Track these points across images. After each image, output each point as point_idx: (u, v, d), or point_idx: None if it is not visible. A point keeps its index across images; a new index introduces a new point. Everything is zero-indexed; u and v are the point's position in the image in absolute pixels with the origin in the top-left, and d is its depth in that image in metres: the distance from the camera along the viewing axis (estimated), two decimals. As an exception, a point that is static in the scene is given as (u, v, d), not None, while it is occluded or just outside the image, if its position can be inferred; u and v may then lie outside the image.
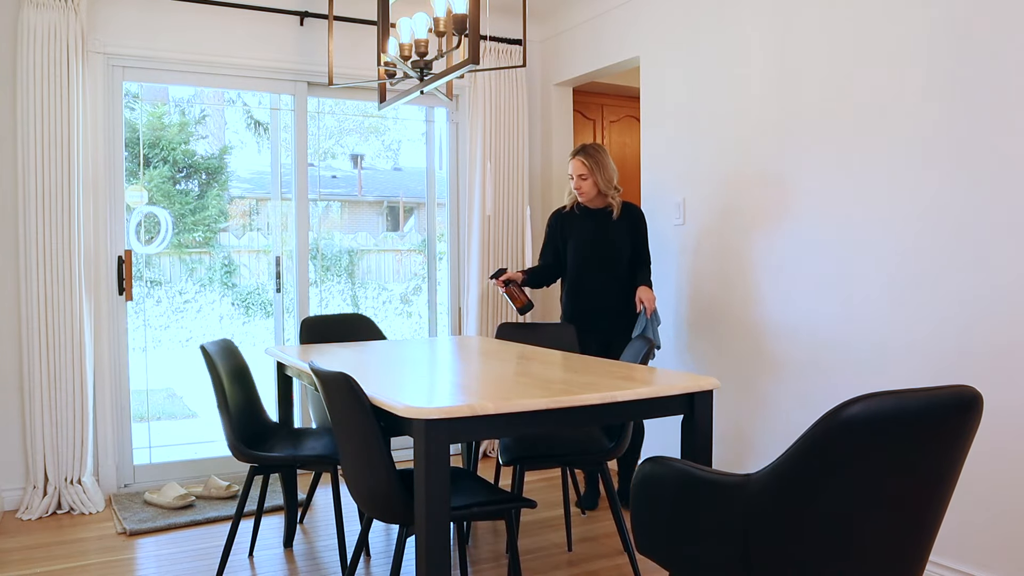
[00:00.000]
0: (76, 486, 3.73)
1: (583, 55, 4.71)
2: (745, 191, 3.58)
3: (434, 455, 2.01)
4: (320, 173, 4.92)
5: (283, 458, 2.91)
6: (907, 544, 1.69)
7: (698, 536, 1.82)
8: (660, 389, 2.30)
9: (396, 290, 6.00)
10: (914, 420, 1.56)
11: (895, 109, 2.90)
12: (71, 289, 3.70)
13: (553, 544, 3.33)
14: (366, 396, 2.15)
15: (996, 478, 2.62)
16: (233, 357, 3.15)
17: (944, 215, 2.75)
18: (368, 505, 2.30)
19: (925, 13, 2.79)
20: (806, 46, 3.25)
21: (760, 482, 1.67)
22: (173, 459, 4.25)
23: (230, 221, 5.87)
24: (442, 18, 2.77)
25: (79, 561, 3.15)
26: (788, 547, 1.65)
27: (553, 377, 2.50)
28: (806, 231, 3.28)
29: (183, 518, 3.61)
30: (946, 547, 2.77)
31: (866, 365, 3.03)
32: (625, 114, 5.64)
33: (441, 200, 4.98)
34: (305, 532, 3.50)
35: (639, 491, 2.00)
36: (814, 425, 1.57)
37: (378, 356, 3.10)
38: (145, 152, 4.54)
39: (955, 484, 1.71)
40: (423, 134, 5.01)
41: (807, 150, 3.27)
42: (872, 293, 3.00)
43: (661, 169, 4.11)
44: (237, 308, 5.94)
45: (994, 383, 2.61)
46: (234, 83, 4.30)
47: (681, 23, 3.95)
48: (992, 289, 2.61)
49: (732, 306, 3.68)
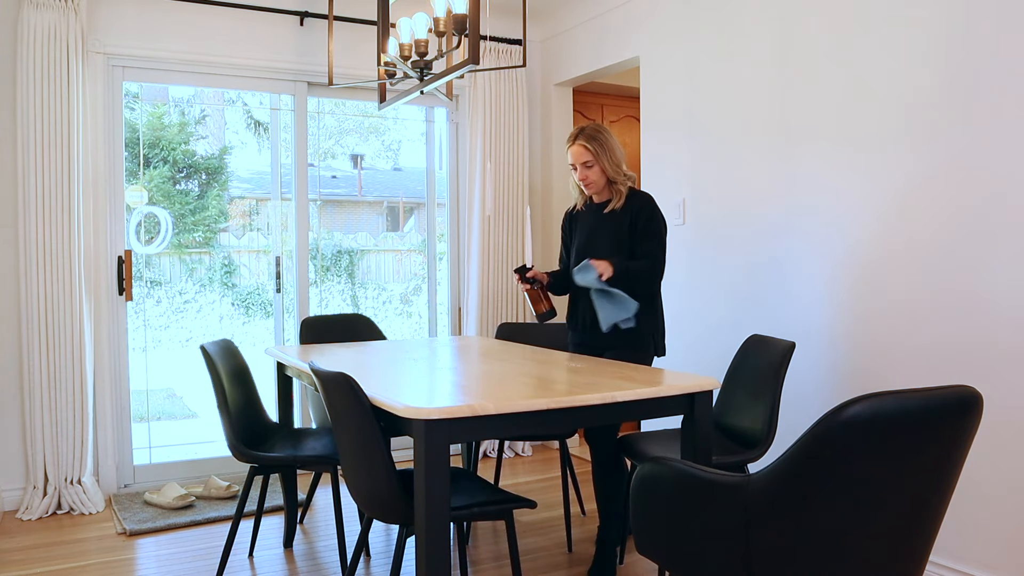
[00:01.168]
0: (76, 486, 3.73)
1: (583, 55, 4.71)
2: (745, 191, 3.58)
3: (434, 455, 2.01)
4: (320, 173, 4.92)
5: (283, 458, 2.91)
6: (907, 544, 1.68)
7: (698, 536, 1.81)
8: (660, 389, 2.30)
9: (396, 290, 5.99)
10: (914, 420, 1.56)
11: (898, 108, 2.90)
12: (71, 289, 3.70)
13: (553, 544, 3.33)
14: (366, 396, 2.15)
15: (996, 478, 2.62)
16: (233, 357, 3.14)
17: (948, 215, 2.75)
18: (368, 505, 2.29)
19: (926, 12, 2.79)
20: (806, 45, 3.25)
21: (760, 482, 1.67)
22: (173, 459, 4.25)
23: (230, 221, 5.86)
24: (442, 18, 2.77)
25: (79, 561, 3.15)
26: (788, 547, 1.65)
27: (553, 377, 2.50)
28: (807, 231, 3.28)
29: (183, 518, 3.61)
30: (946, 547, 2.77)
31: (867, 366, 3.03)
32: (625, 114, 5.64)
33: (441, 200, 4.98)
34: (305, 532, 3.50)
35: (639, 491, 2.00)
36: (814, 425, 1.57)
37: (378, 356, 3.10)
38: (145, 152, 4.54)
39: (955, 484, 1.71)
40: (423, 134, 5.01)
41: (808, 150, 3.27)
42: (876, 293, 3.00)
43: (661, 169, 4.11)
44: (237, 308, 5.94)
45: (994, 383, 2.61)
46: (234, 83, 4.30)
47: (681, 23, 3.94)
48: (993, 289, 2.61)
49: (732, 306, 3.68)
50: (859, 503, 1.59)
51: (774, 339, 2.89)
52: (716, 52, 3.73)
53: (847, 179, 3.09)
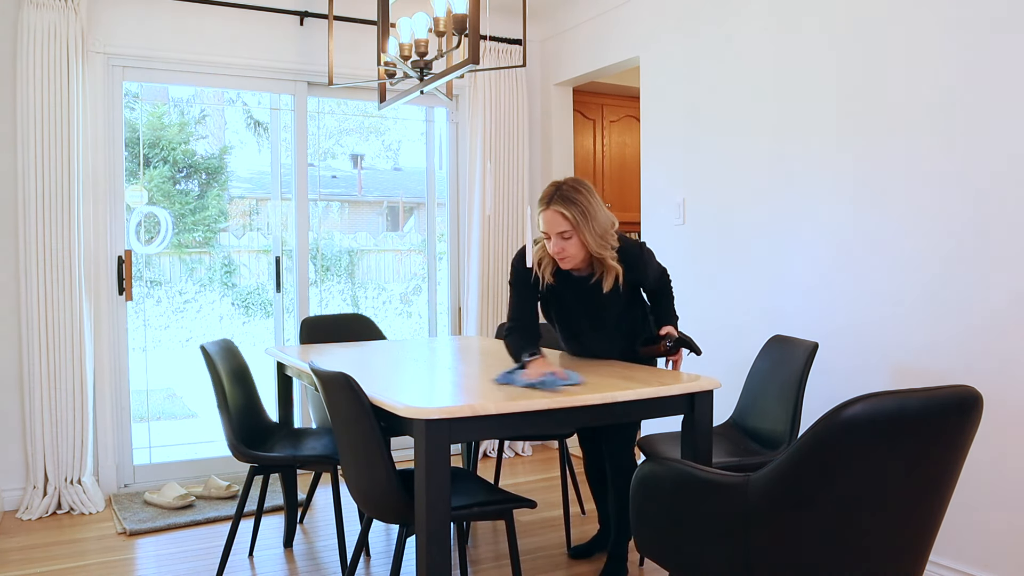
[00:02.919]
0: (76, 486, 3.73)
1: (583, 55, 4.71)
2: (745, 191, 3.58)
3: (434, 455, 2.01)
4: (320, 173, 4.92)
5: (283, 458, 2.91)
6: (907, 543, 1.68)
7: (698, 536, 1.82)
8: (660, 389, 2.30)
9: (396, 290, 5.99)
10: (914, 420, 1.56)
11: (898, 107, 2.90)
12: (71, 289, 3.70)
13: (553, 544, 3.33)
14: (366, 396, 2.15)
15: (996, 478, 2.62)
16: (233, 357, 3.14)
17: (948, 215, 2.75)
18: (368, 505, 2.30)
19: (928, 12, 2.79)
20: (806, 45, 3.25)
21: (760, 482, 1.67)
22: (173, 459, 4.25)
23: (230, 221, 5.86)
24: (442, 18, 2.77)
25: (79, 561, 3.15)
26: (788, 547, 1.65)
27: (553, 377, 2.49)
28: (807, 231, 3.28)
29: (183, 518, 3.61)
30: (946, 547, 2.77)
31: (869, 367, 3.03)
32: (625, 114, 5.64)
33: (441, 200, 4.98)
34: (305, 532, 3.50)
35: (639, 491, 2.00)
36: (814, 425, 1.57)
37: (378, 356, 3.10)
38: (145, 152, 4.54)
39: (955, 484, 1.71)
40: (423, 134, 5.01)
41: (808, 149, 3.27)
42: (877, 294, 3.00)
43: (661, 169, 4.11)
44: (237, 308, 5.94)
45: (994, 383, 2.61)
46: (234, 83, 4.30)
47: (681, 23, 3.94)
48: (994, 288, 2.61)
49: (732, 307, 3.68)
50: (859, 503, 1.59)
51: (796, 339, 2.90)
52: (716, 52, 3.73)
53: (847, 178, 3.09)
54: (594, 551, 3.19)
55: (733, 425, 3.07)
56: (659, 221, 4.13)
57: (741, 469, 2.63)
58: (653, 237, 4.14)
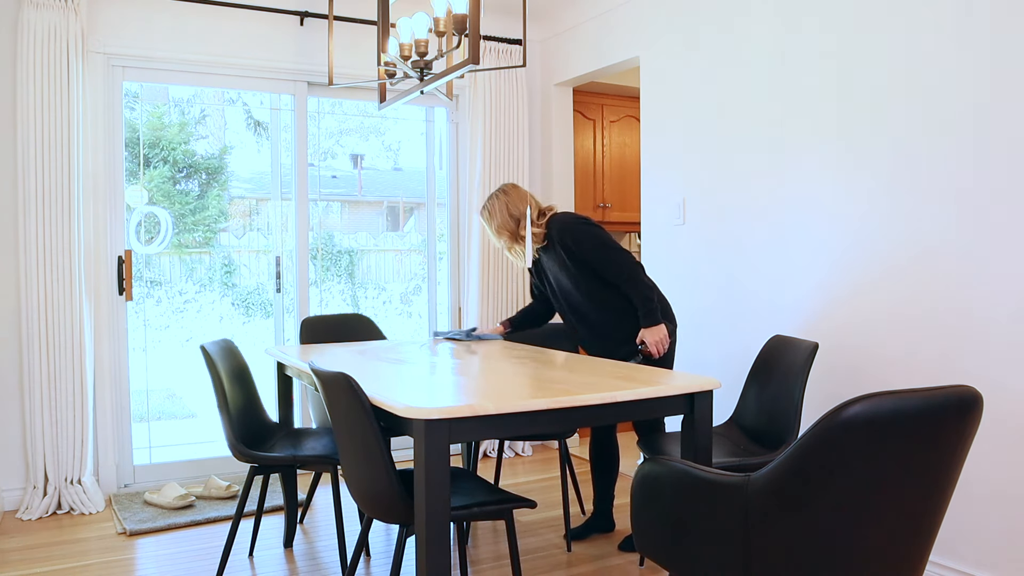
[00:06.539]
0: (76, 486, 3.73)
1: (583, 55, 4.71)
2: (745, 191, 3.58)
3: (434, 455, 2.01)
4: (320, 173, 4.91)
5: (283, 458, 2.91)
6: (907, 544, 1.68)
7: (698, 536, 1.82)
8: (660, 389, 2.30)
9: (396, 290, 5.99)
10: (914, 420, 1.56)
11: (898, 109, 2.90)
12: (71, 289, 3.70)
13: (553, 544, 3.33)
14: (366, 396, 2.15)
15: (996, 478, 2.62)
16: (233, 357, 3.15)
17: (947, 215, 2.75)
18: (368, 505, 2.30)
19: (928, 12, 2.79)
20: (806, 45, 3.25)
21: (759, 482, 1.67)
22: (173, 459, 4.25)
23: (230, 221, 5.86)
24: (442, 18, 2.77)
25: (79, 561, 3.15)
26: (788, 547, 1.65)
27: (553, 377, 2.50)
28: (807, 231, 3.28)
29: (183, 518, 3.61)
30: (946, 547, 2.77)
31: (869, 367, 3.03)
32: (625, 114, 5.64)
33: (441, 200, 4.98)
34: (305, 532, 3.50)
35: (639, 491, 2.00)
36: (814, 425, 1.57)
37: (378, 356, 3.10)
38: (145, 152, 4.54)
39: (955, 484, 1.71)
40: (423, 134, 5.01)
41: (808, 149, 3.27)
42: (877, 293, 3.00)
43: (661, 169, 4.11)
44: (237, 308, 5.93)
45: (994, 383, 2.61)
46: (234, 83, 4.30)
47: (681, 23, 3.95)
48: (994, 288, 2.61)
49: (732, 307, 3.68)
50: (858, 503, 1.59)
51: (796, 339, 2.90)
52: (716, 52, 3.73)
53: (847, 178, 3.09)
54: (590, 532, 3.41)
55: (733, 425, 3.07)
56: (659, 221, 4.13)
57: (741, 469, 2.64)
58: (653, 237, 4.15)
